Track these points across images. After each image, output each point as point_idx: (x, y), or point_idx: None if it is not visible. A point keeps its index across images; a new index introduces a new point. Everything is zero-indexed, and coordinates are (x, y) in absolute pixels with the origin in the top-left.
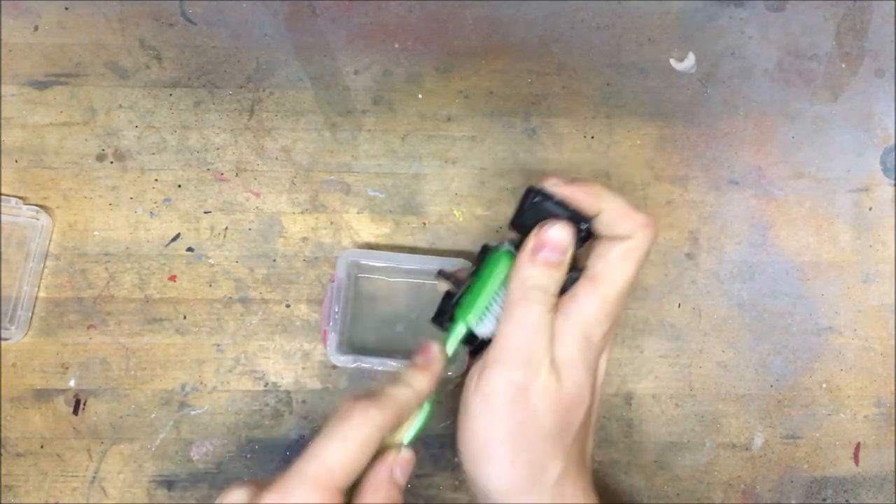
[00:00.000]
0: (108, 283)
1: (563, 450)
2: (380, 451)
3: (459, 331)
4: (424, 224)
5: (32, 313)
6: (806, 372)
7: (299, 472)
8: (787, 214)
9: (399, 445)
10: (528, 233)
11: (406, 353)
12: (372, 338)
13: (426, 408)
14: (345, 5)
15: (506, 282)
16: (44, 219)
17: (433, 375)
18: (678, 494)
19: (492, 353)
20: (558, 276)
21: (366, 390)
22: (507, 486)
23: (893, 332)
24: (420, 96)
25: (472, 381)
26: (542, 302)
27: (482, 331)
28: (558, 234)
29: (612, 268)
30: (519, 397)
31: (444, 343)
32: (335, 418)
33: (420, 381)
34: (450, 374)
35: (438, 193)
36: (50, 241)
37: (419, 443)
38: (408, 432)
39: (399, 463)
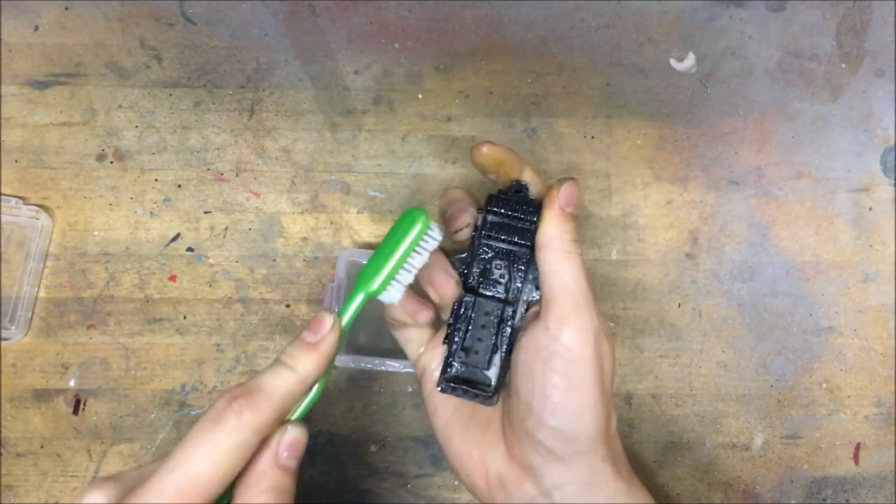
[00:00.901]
0: (108, 283)
1: (612, 400)
2: None
3: (357, 299)
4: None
5: (32, 313)
6: (806, 372)
7: (159, 485)
8: (787, 214)
9: (283, 424)
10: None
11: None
12: (372, 338)
13: (317, 385)
14: (345, 5)
15: (414, 246)
16: (44, 219)
17: (324, 354)
18: (678, 494)
19: (559, 305)
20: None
21: (243, 384)
22: (596, 429)
23: (893, 332)
24: (420, 96)
25: (543, 335)
26: (580, 253)
27: (387, 297)
28: (576, 189)
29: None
30: (597, 342)
31: (339, 315)
32: (205, 419)
33: (307, 363)
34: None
35: (438, 193)
36: (50, 241)
37: (419, 442)
38: (294, 409)
39: (285, 444)
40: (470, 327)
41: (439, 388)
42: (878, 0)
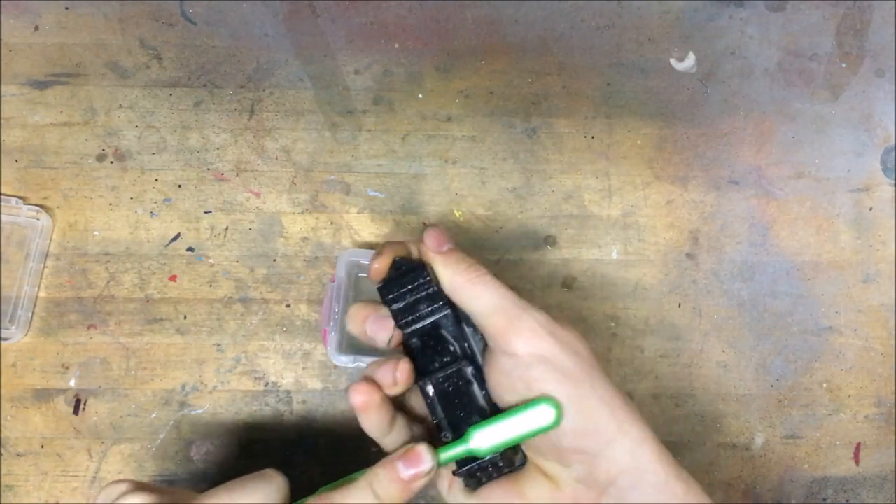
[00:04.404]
0: (109, 283)
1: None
2: None
3: (461, 449)
4: (424, 224)
5: (32, 313)
6: (806, 372)
7: None
8: (787, 214)
9: None
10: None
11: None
12: None
13: None
14: (345, 5)
15: (534, 434)
16: (44, 219)
17: (413, 493)
18: None
19: (496, 325)
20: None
21: (326, 495)
22: (613, 408)
23: (893, 332)
24: (420, 96)
25: (503, 359)
26: (485, 272)
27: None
28: (437, 230)
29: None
30: (552, 334)
31: (437, 452)
32: None
33: (393, 495)
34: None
35: (438, 193)
36: (50, 241)
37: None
38: None
39: None
40: (443, 409)
41: (468, 486)
42: (878, 0)
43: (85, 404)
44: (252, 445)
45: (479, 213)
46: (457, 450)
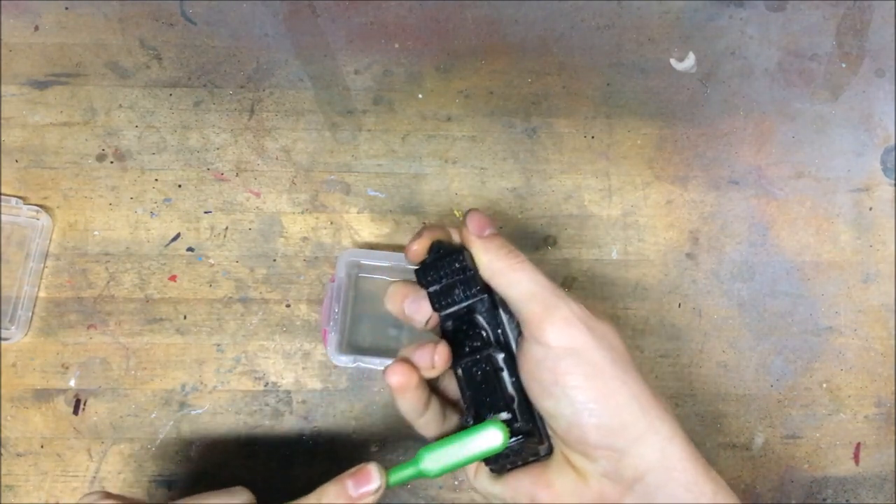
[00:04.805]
0: (109, 283)
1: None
2: None
3: (410, 471)
4: (424, 224)
5: (32, 313)
6: (806, 372)
7: None
8: (787, 214)
9: None
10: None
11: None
12: (372, 338)
13: None
14: (345, 5)
15: (483, 457)
16: (44, 219)
17: None
18: None
19: (532, 311)
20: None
21: None
22: (641, 406)
23: (893, 332)
24: (420, 96)
25: (535, 348)
26: (524, 259)
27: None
28: (479, 214)
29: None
30: (588, 326)
31: (387, 473)
32: None
33: None
34: None
35: (438, 193)
36: (50, 241)
37: (419, 442)
38: None
39: None
40: (470, 394)
41: (492, 470)
42: (878, 0)
43: (85, 404)
44: (252, 445)
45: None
46: (407, 471)
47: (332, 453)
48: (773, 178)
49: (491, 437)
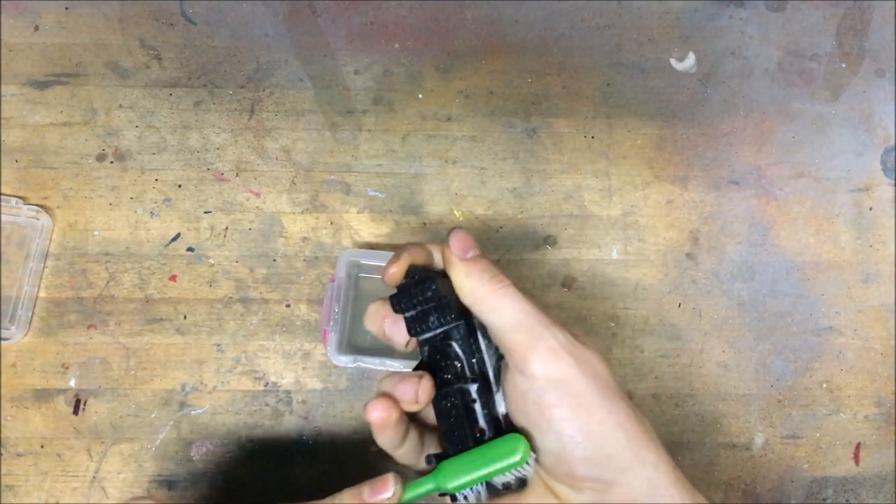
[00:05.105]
0: (109, 283)
1: (629, 402)
2: None
3: (428, 486)
4: (424, 224)
5: (32, 313)
6: (806, 372)
7: None
8: (787, 214)
9: None
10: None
11: (406, 353)
12: (372, 338)
13: None
14: (345, 5)
15: (505, 471)
16: (44, 219)
17: None
18: None
19: (515, 341)
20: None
21: None
22: (629, 436)
23: (893, 332)
24: (420, 96)
25: (519, 379)
26: (508, 283)
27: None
28: (463, 234)
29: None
30: (573, 354)
31: (405, 487)
32: None
33: None
34: None
35: (438, 193)
36: (50, 241)
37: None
38: None
39: None
40: (443, 427)
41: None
42: (878, 0)
43: (85, 404)
44: (252, 445)
45: (479, 213)
46: (426, 486)
47: (332, 453)
48: (773, 178)
49: (511, 451)
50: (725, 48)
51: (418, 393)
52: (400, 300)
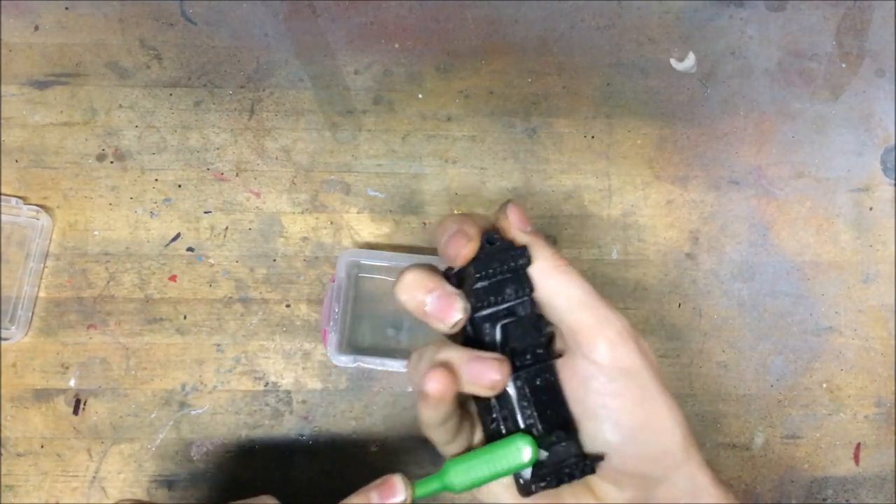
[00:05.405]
0: (109, 283)
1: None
2: None
3: (435, 486)
4: (424, 224)
5: (32, 313)
6: (806, 372)
7: None
8: (787, 214)
9: None
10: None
11: (406, 353)
12: (372, 338)
13: None
14: (345, 5)
15: (512, 472)
16: (44, 219)
17: None
18: None
19: (581, 323)
20: None
21: None
22: (683, 433)
23: (893, 332)
24: (420, 96)
25: (582, 364)
26: (568, 262)
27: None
28: (518, 207)
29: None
30: (636, 341)
31: (413, 486)
32: None
33: None
34: None
35: (438, 193)
36: (50, 241)
37: (419, 442)
38: None
39: None
40: (532, 409)
41: (522, 488)
42: (878, 0)
43: (85, 404)
44: (252, 445)
45: (479, 212)
46: (433, 485)
47: (332, 453)
48: (773, 178)
49: (519, 451)
50: (725, 48)
51: (494, 376)
52: (483, 267)
